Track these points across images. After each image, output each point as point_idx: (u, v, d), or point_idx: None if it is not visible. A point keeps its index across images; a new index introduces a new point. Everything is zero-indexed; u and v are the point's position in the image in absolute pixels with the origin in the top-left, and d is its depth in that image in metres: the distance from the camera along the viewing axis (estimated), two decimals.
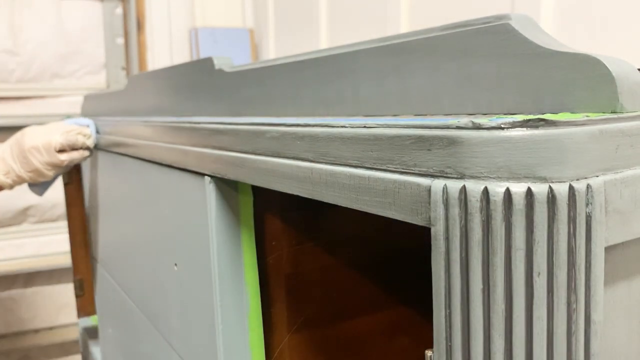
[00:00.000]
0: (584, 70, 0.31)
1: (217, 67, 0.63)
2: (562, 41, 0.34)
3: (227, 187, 0.55)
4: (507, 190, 0.26)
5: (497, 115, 0.31)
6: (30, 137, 0.88)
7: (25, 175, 0.90)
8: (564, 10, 0.99)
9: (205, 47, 1.95)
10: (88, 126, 0.94)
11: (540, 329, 0.27)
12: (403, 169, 0.31)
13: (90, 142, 0.92)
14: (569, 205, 0.26)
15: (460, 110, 0.37)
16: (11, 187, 0.92)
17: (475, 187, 0.27)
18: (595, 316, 0.28)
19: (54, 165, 0.89)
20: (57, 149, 0.88)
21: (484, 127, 0.27)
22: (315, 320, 0.62)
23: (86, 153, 0.92)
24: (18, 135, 0.91)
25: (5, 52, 1.77)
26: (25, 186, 0.99)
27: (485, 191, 0.26)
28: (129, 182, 0.82)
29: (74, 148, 0.90)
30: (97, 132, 0.94)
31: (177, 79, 0.74)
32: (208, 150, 0.53)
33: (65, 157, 0.89)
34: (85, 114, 1.26)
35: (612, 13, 0.92)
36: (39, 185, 0.97)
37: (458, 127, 0.28)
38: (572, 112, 0.31)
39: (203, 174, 0.55)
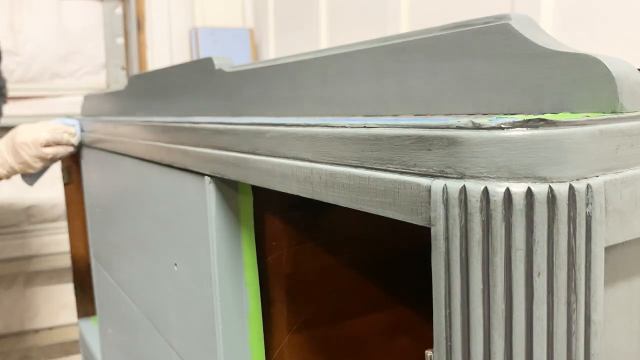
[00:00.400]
0: (584, 70, 0.31)
1: (217, 67, 0.63)
2: (562, 41, 0.34)
3: (227, 187, 0.55)
4: (507, 190, 0.26)
5: (497, 115, 0.31)
6: (21, 134, 1.02)
7: (16, 166, 1.03)
8: (564, 10, 0.99)
9: (205, 47, 1.95)
10: (74, 125, 1.06)
11: (540, 329, 0.27)
12: (403, 169, 0.31)
13: (74, 140, 1.05)
14: (569, 205, 0.26)
15: (460, 110, 0.37)
16: (7, 177, 1.05)
17: (475, 187, 0.27)
18: (595, 316, 0.28)
19: (41, 158, 1.03)
20: (43, 144, 1.02)
21: (484, 127, 0.27)
22: (315, 320, 0.62)
23: (70, 148, 1.06)
24: (12, 132, 1.04)
25: (5, 52, 1.77)
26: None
27: (485, 191, 0.26)
28: (129, 182, 0.82)
29: (58, 144, 1.04)
30: (82, 130, 1.06)
31: (177, 79, 0.74)
32: (208, 150, 0.53)
33: (49, 151, 1.03)
34: (85, 113, 1.26)
35: (612, 13, 0.92)
36: (30, 176, 1.10)
37: (458, 127, 0.28)
38: (572, 112, 0.31)
39: (203, 174, 0.55)
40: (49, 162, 1.05)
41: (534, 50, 0.33)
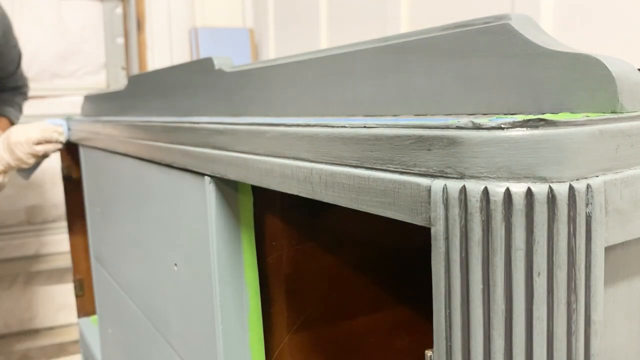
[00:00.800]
0: (584, 70, 0.31)
1: (217, 67, 0.63)
2: (562, 41, 0.34)
3: (227, 187, 0.55)
4: (507, 190, 0.26)
5: (497, 115, 0.31)
6: (15, 134, 1.15)
7: (12, 163, 1.16)
8: (564, 10, 0.99)
9: (205, 47, 1.95)
10: (61, 125, 1.18)
11: (540, 329, 0.27)
12: (403, 169, 0.31)
13: (62, 138, 1.18)
14: (569, 205, 0.26)
15: (460, 110, 0.37)
16: (4, 172, 1.18)
17: (475, 187, 0.27)
18: (595, 316, 0.28)
19: (33, 155, 1.15)
20: (35, 143, 1.14)
21: (484, 127, 0.27)
22: (315, 320, 0.62)
23: (59, 145, 1.18)
24: (7, 132, 1.17)
25: None
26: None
27: (485, 191, 0.26)
28: (129, 182, 0.82)
29: (48, 142, 1.16)
30: (69, 129, 1.18)
31: (177, 79, 0.74)
32: (208, 150, 0.53)
33: (41, 148, 1.15)
34: (85, 113, 1.26)
35: (611, 13, 0.92)
36: (25, 171, 1.23)
37: (458, 127, 0.28)
38: (572, 112, 0.31)
39: (203, 174, 0.55)
40: (40, 158, 1.18)
41: (534, 50, 0.33)
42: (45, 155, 1.19)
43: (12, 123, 1.45)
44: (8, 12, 1.37)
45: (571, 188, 0.26)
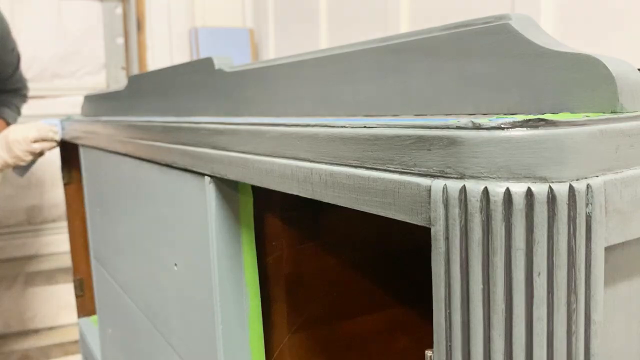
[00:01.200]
0: (584, 70, 0.31)
1: (217, 67, 0.64)
2: (562, 41, 0.34)
3: (227, 187, 0.55)
4: (507, 191, 0.26)
5: (497, 115, 0.31)
6: (13, 133, 1.22)
7: (10, 160, 1.22)
8: (564, 10, 0.99)
9: (205, 47, 1.95)
10: (56, 125, 1.24)
11: (540, 329, 0.27)
12: (403, 169, 0.31)
13: (57, 137, 1.24)
14: (569, 205, 0.26)
15: (460, 110, 0.37)
16: (1, 170, 1.24)
17: (475, 187, 0.27)
18: (595, 316, 0.28)
19: (31, 152, 1.22)
20: (32, 141, 1.21)
21: (484, 127, 0.27)
22: (315, 320, 0.62)
23: (54, 144, 1.25)
24: (5, 131, 1.24)
25: None
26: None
27: (485, 191, 0.26)
28: (129, 182, 0.82)
29: (44, 140, 1.23)
30: (63, 128, 1.24)
31: (177, 79, 0.74)
32: (208, 150, 0.53)
33: (37, 146, 1.22)
34: (85, 113, 1.27)
35: (612, 13, 0.92)
36: (21, 168, 1.28)
37: (458, 127, 0.28)
38: (572, 112, 0.31)
39: (203, 174, 0.55)
40: (37, 155, 1.25)
41: (534, 50, 0.33)
42: (41, 153, 1.25)
43: (8, 124, 1.46)
44: (8, 13, 1.38)
45: (571, 188, 0.26)
